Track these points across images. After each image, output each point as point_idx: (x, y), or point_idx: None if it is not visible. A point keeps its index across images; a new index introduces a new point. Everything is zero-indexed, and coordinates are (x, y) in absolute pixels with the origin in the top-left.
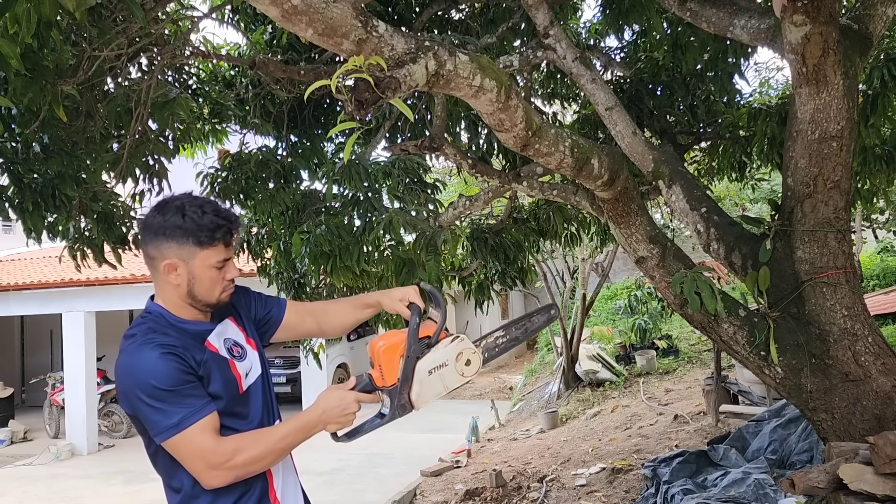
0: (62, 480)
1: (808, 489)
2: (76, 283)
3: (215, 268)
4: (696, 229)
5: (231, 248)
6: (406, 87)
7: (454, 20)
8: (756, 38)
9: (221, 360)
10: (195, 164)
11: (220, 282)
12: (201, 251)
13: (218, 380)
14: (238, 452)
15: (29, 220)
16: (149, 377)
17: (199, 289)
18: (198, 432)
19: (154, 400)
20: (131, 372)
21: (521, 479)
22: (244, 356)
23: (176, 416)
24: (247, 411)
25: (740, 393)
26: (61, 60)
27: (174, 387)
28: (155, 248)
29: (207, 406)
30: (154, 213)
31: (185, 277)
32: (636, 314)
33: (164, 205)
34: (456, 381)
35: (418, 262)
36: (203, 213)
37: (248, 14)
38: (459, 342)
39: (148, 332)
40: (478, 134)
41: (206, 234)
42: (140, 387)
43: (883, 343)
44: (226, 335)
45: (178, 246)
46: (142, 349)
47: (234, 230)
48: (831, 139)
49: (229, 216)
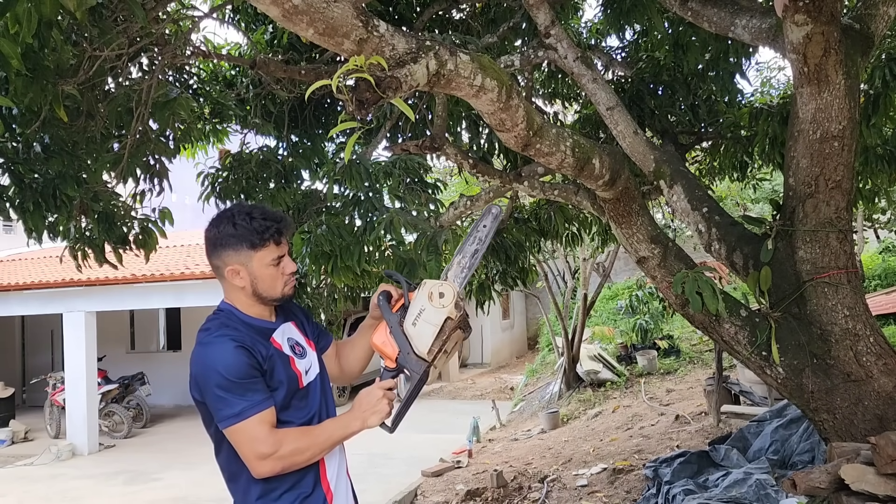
0: (63, 481)
1: (810, 489)
2: (77, 283)
3: (272, 265)
4: (698, 229)
5: (283, 246)
6: (407, 86)
7: (455, 20)
8: (757, 37)
9: (284, 357)
10: (196, 163)
11: (281, 277)
12: (256, 253)
13: (281, 374)
14: (283, 444)
15: (30, 219)
16: (220, 367)
17: (262, 286)
18: (255, 424)
19: (221, 389)
20: (205, 360)
21: (522, 480)
22: (304, 355)
23: (238, 406)
24: (305, 404)
25: (742, 393)
26: (62, 60)
27: (241, 379)
28: (217, 258)
29: (267, 401)
30: (210, 228)
31: (247, 279)
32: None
33: (217, 218)
34: (439, 315)
35: (419, 262)
36: (251, 219)
37: (248, 14)
38: (424, 286)
39: (221, 327)
40: (479, 134)
41: (258, 237)
42: (211, 375)
43: (885, 343)
44: (289, 335)
45: (235, 252)
46: (217, 340)
47: (282, 229)
48: (833, 139)
49: (276, 216)
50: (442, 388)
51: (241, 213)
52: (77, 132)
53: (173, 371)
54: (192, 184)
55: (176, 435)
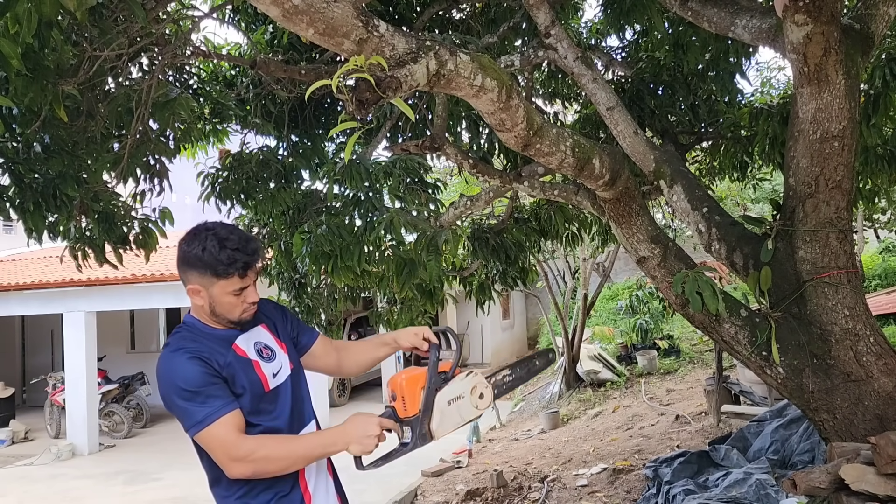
0: (63, 481)
1: (810, 489)
2: (77, 283)
3: (233, 295)
4: (698, 229)
5: (248, 278)
6: (407, 86)
7: (455, 20)
8: (757, 37)
9: (246, 363)
10: (196, 163)
11: (240, 305)
12: (219, 281)
13: (243, 379)
14: (259, 449)
15: (30, 220)
16: (177, 379)
17: (220, 310)
18: (220, 428)
19: (182, 400)
20: (164, 375)
21: (523, 480)
22: (273, 358)
23: (200, 413)
24: (273, 408)
25: (742, 393)
26: (62, 60)
27: (199, 388)
28: (183, 273)
29: (229, 405)
30: (182, 243)
31: (206, 300)
32: (637, 314)
33: (191, 236)
34: (471, 413)
35: (419, 262)
36: (221, 249)
37: (248, 14)
38: (474, 377)
39: (180, 341)
40: (479, 134)
41: (223, 268)
42: (171, 388)
43: (885, 343)
44: (256, 339)
45: (198, 275)
46: (173, 355)
47: (251, 264)
48: (833, 139)
49: (248, 249)
50: None
51: (214, 239)
52: (77, 132)
53: None
54: (192, 184)
55: (176, 435)
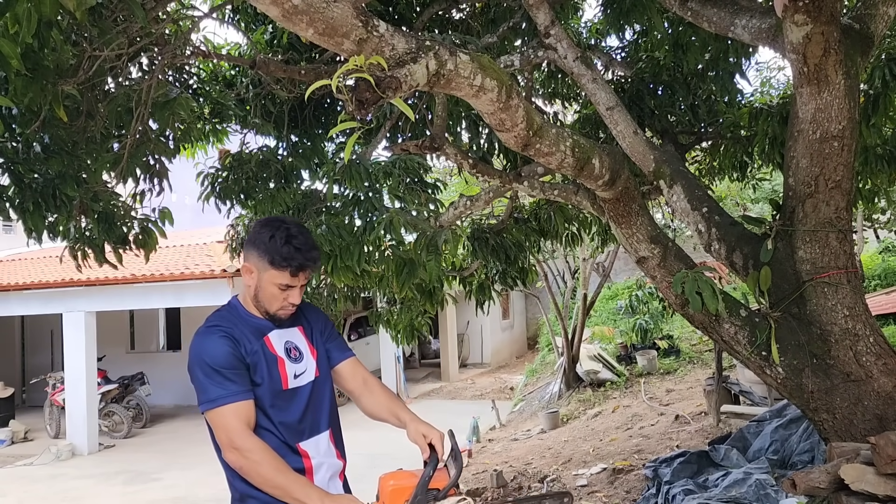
0: (63, 480)
1: (810, 489)
2: (77, 283)
3: (278, 288)
4: (698, 229)
5: (298, 279)
6: (407, 86)
7: (455, 20)
8: (757, 37)
9: (271, 357)
10: (196, 163)
11: (281, 300)
12: (271, 269)
13: (263, 371)
14: (256, 453)
15: (29, 219)
16: (204, 354)
17: (261, 296)
18: (227, 413)
19: (203, 375)
20: (194, 347)
21: (522, 480)
22: (300, 360)
23: (214, 392)
24: (288, 406)
25: (741, 393)
26: (62, 60)
27: (222, 367)
28: (245, 250)
29: (244, 394)
30: (256, 224)
31: (254, 283)
32: (637, 314)
33: (265, 223)
34: None
35: (419, 262)
36: (286, 243)
37: (248, 14)
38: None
39: (218, 319)
40: (478, 134)
41: (279, 259)
42: (197, 361)
43: (884, 343)
44: (288, 338)
45: (257, 257)
46: (207, 330)
47: (305, 267)
48: (832, 139)
49: (308, 255)
50: (442, 387)
51: (284, 233)
52: (77, 132)
53: (173, 371)
54: (192, 184)
55: (176, 435)
